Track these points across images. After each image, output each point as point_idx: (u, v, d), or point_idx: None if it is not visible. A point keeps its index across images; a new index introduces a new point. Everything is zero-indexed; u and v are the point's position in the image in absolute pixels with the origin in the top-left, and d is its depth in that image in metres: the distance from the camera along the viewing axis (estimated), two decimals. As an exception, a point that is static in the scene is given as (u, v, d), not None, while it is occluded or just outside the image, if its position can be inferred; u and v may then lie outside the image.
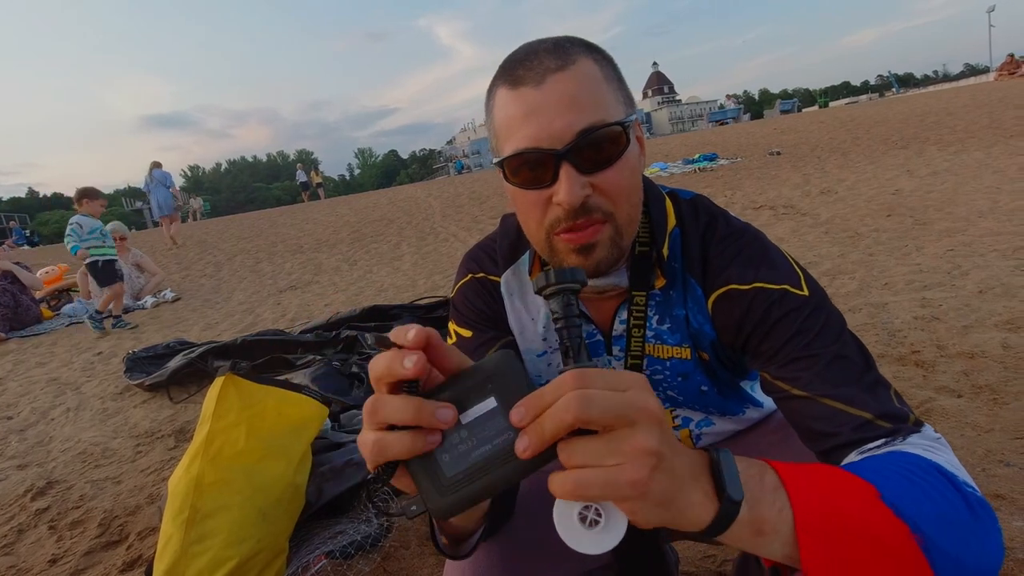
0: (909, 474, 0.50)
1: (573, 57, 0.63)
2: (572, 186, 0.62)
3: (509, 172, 0.67)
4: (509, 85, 0.65)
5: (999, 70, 27.47)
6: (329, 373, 2.85)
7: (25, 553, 1.88)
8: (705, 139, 17.56)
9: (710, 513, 0.43)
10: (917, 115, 12.78)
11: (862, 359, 0.64)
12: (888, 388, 0.63)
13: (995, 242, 3.52)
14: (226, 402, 1.53)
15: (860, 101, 50.60)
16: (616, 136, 0.64)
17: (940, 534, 0.46)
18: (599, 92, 0.64)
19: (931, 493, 0.49)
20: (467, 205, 11.32)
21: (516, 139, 0.64)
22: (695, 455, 0.45)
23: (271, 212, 20.30)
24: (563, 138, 0.62)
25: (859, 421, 0.60)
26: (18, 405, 3.65)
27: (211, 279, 8.28)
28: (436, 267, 6.35)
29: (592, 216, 0.65)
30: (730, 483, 0.43)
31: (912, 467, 0.52)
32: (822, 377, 0.63)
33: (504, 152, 0.66)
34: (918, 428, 0.59)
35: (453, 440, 0.44)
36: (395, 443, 0.42)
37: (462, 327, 0.86)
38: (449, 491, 0.44)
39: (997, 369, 2.01)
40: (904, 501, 0.47)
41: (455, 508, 0.44)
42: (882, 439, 0.58)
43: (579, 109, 0.62)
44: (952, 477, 0.51)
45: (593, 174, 0.64)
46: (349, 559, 1.52)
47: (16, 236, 22.09)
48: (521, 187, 0.67)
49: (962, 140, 8.59)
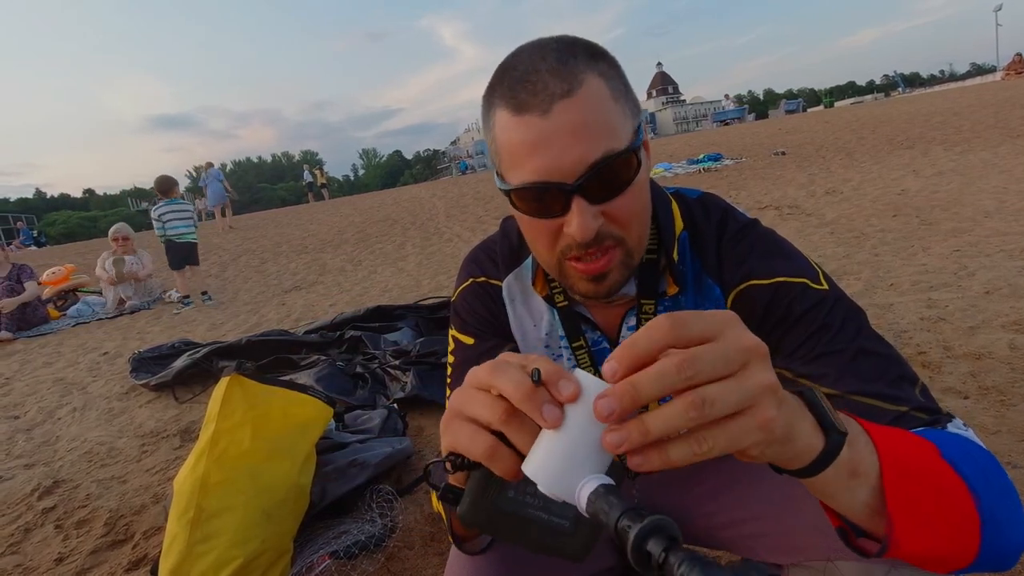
0: (961, 442, 0.52)
1: (579, 77, 0.60)
2: (584, 219, 0.61)
3: (518, 201, 0.65)
4: (512, 109, 0.61)
5: (1006, 69, 27.33)
6: (333, 373, 2.86)
7: (32, 552, 1.90)
8: (709, 139, 17.52)
9: (818, 446, 0.42)
10: (923, 115, 12.72)
11: (887, 353, 0.64)
12: (915, 384, 0.63)
13: (1002, 242, 3.50)
14: (231, 402, 1.53)
15: (865, 101, 50.38)
16: (627, 163, 0.62)
17: (991, 498, 0.47)
18: (608, 115, 0.61)
19: (981, 461, 0.50)
20: (471, 205, 11.33)
21: (524, 171, 0.62)
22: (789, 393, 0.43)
23: (276, 212, 20.36)
24: (574, 171, 0.59)
25: (895, 414, 0.60)
26: (25, 405, 3.67)
27: (216, 279, 8.31)
28: (440, 267, 6.35)
29: (604, 244, 0.64)
30: (834, 418, 0.43)
31: (960, 439, 0.53)
32: (850, 373, 0.62)
33: (511, 180, 0.64)
34: (951, 418, 0.59)
35: (528, 488, 0.46)
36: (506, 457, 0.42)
37: (464, 334, 0.85)
38: (488, 513, 0.46)
39: (1004, 370, 2.00)
40: (961, 460, 0.48)
41: (481, 527, 0.47)
42: (922, 427, 0.58)
43: (589, 139, 0.59)
44: (993, 456, 0.53)
45: (604, 203, 0.62)
46: (353, 559, 1.52)
47: (23, 236, 22.20)
48: (530, 216, 0.65)
49: (968, 140, 8.54)
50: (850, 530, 0.49)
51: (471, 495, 0.46)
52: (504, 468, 0.42)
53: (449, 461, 0.46)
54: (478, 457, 0.43)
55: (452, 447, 0.45)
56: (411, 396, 2.54)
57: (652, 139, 1.87)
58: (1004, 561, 0.49)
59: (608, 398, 0.36)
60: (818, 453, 0.42)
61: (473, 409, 0.44)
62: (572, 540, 0.45)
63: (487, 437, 0.43)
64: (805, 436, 0.42)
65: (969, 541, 0.46)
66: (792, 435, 0.41)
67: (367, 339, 3.41)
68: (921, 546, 0.46)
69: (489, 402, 0.43)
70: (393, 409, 2.37)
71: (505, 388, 0.41)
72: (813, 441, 0.42)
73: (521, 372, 0.42)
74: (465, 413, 0.44)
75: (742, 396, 0.36)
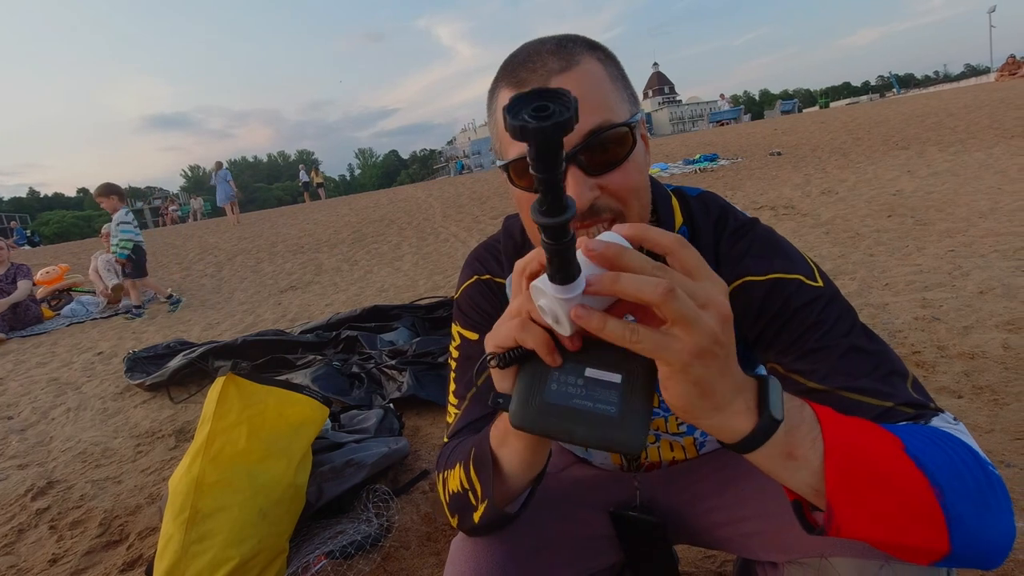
0: (933, 439, 0.52)
1: (577, 57, 0.63)
2: (579, 189, 0.62)
3: (515, 176, 0.67)
4: (513, 87, 0.65)
5: (1000, 71, 27.48)
6: (329, 373, 2.86)
7: (25, 553, 1.88)
8: (706, 139, 17.56)
9: (749, 425, 0.46)
10: (918, 116, 12.78)
11: (878, 350, 0.64)
12: (905, 378, 0.63)
13: (996, 243, 3.52)
14: (227, 402, 1.53)
15: (861, 102, 50.58)
16: (622, 137, 0.63)
17: (958, 496, 0.48)
18: (604, 92, 0.63)
19: (953, 458, 0.51)
20: (468, 205, 11.32)
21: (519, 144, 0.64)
22: (747, 376, 0.48)
23: (272, 212, 20.30)
24: (569, 141, 0.61)
25: (880, 410, 0.60)
26: (19, 405, 3.65)
27: (212, 279, 8.28)
28: (437, 267, 6.35)
29: (601, 217, 0.65)
30: (773, 403, 0.47)
31: (936, 435, 0.53)
32: (838, 369, 0.63)
33: (508, 156, 0.66)
34: (939, 412, 0.60)
35: (568, 379, 0.49)
36: (534, 332, 0.48)
37: (468, 329, 0.85)
38: (537, 411, 0.48)
39: (997, 370, 2.01)
40: (926, 457, 0.49)
41: (531, 427, 0.49)
42: (905, 422, 0.59)
43: (584, 111, 0.61)
44: (974, 451, 0.53)
45: (600, 176, 0.63)
46: (349, 559, 1.52)
47: (17, 236, 22.09)
48: (526, 190, 0.67)
49: (963, 141, 8.58)
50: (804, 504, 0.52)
51: (520, 395, 0.49)
52: (541, 340, 0.48)
53: (494, 359, 0.51)
54: (520, 337, 0.48)
55: (502, 343, 0.50)
56: (407, 396, 2.54)
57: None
58: (987, 557, 0.49)
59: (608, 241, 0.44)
60: (745, 433, 0.46)
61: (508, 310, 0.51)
62: (621, 430, 0.47)
63: (521, 320, 0.49)
64: (735, 414, 0.46)
65: (934, 534, 0.47)
66: (715, 397, 0.45)
67: (363, 339, 3.40)
68: (868, 533, 0.48)
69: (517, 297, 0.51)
70: (389, 409, 2.36)
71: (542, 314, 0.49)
72: (741, 420, 0.46)
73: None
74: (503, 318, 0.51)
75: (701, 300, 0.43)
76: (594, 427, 0.47)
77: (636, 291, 0.41)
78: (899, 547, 0.49)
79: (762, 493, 0.77)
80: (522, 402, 0.49)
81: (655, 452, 0.88)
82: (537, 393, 0.49)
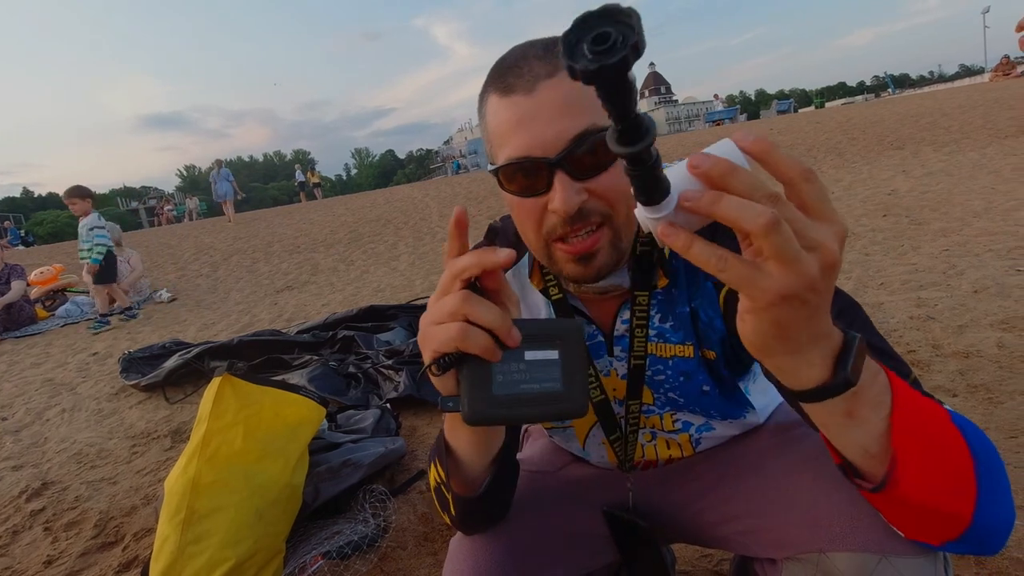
0: (964, 420, 0.54)
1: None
2: (566, 194, 0.62)
3: (504, 180, 0.67)
4: (500, 92, 0.65)
5: (994, 71, 27.62)
6: (326, 373, 2.85)
7: (20, 554, 1.88)
8: (702, 139, 17.58)
9: (820, 378, 0.45)
10: (913, 116, 12.82)
11: (880, 347, 0.64)
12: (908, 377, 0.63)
13: (990, 242, 3.53)
14: (223, 402, 1.52)
15: (856, 102, 50.74)
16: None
17: (986, 470, 0.49)
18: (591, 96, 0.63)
19: (981, 435, 0.52)
20: (464, 205, 11.30)
21: (509, 148, 0.64)
22: (834, 327, 0.46)
23: (268, 212, 20.25)
24: (556, 146, 0.61)
25: None
26: (13, 406, 3.63)
27: (207, 279, 8.26)
28: (433, 267, 6.34)
29: (589, 220, 0.65)
30: (852, 364, 0.44)
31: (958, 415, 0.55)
32: None
33: (498, 160, 0.66)
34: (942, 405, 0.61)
35: (510, 367, 0.50)
36: (477, 338, 0.48)
37: None
38: (488, 404, 0.49)
39: (992, 368, 2.02)
40: (966, 429, 0.51)
41: (486, 420, 0.50)
42: None
43: (571, 115, 0.61)
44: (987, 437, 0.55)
45: (588, 180, 0.63)
46: (346, 559, 1.52)
47: (11, 236, 21.96)
48: (517, 195, 0.67)
49: (957, 141, 8.63)
50: (848, 469, 0.53)
51: (467, 393, 0.50)
52: (485, 346, 0.48)
53: (435, 364, 0.50)
54: (463, 344, 0.48)
55: (436, 350, 0.50)
56: (404, 396, 2.54)
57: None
58: (992, 538, 0.51)
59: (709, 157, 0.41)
60: (813, 385, 0.45)
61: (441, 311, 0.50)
62: (568, 400, 0.50)
63: (461, 325, 0.48)
64: (808, 364, 0.45)
65: (964, 504, 0.49)
66: (794, 341, 0.43)
67: (360, 339, 3.40)
68: (918, 492, 0.49)
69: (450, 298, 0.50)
70: (386, 409, 2.36)
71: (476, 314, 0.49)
72: (813, 372, 0.45)
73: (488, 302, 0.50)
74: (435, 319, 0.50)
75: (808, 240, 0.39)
76: (543, 405, 0.49)
77: (736, 217, 0.38)
78: (934, 512, 0.50)
79: (759, 489, 0.77)
80: (473, 400, 0.49)
81: (651, 450, 0.88)
82: (485, 388, 0.49)
